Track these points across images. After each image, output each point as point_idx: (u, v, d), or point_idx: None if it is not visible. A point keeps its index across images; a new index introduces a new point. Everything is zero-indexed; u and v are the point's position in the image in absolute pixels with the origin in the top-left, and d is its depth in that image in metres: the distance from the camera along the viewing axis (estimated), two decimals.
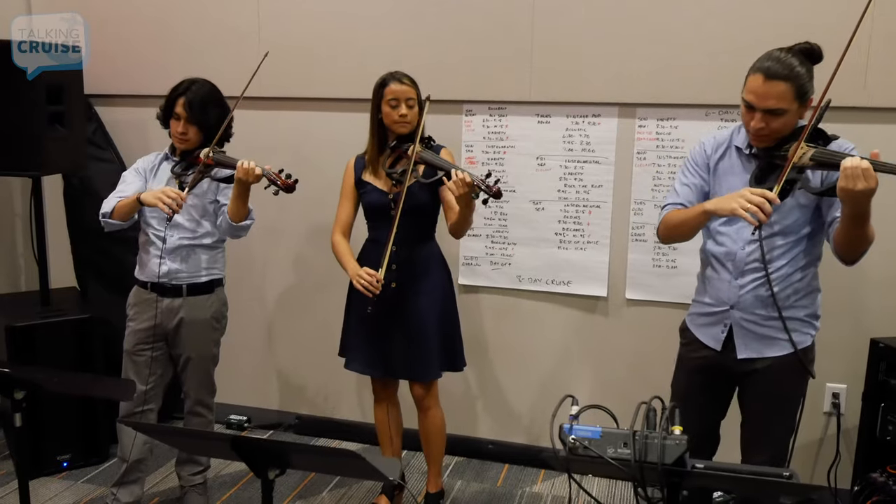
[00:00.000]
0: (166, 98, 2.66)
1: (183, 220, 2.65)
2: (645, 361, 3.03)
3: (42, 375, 1.99)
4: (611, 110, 2.98)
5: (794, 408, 2.18)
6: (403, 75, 2.58)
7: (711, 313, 2.21)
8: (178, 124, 2.63)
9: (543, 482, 3.17)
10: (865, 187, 1.77)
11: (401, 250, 2.61)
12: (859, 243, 1.97)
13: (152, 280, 2.66)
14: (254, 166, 2.45)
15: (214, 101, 2.66)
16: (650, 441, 1.54)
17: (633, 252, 3.04)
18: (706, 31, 2.82)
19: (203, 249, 2.70)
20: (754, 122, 2.00)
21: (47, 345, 3.06)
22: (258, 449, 1.50)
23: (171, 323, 2.68)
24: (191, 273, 2.68)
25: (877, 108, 2.70)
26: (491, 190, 2.28)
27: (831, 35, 2.07)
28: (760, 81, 1.96)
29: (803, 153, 1.94)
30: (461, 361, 2.78)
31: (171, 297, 2.67)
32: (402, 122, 2.54)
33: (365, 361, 2.71)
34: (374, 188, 2.63)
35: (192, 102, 2.60)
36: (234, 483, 3.10)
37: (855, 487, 2.69)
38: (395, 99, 2.53)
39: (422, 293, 2.64)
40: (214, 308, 2.75)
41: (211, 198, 2.69)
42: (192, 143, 2.65)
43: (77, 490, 3.04)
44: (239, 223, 2.61)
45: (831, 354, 2.72)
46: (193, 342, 2.72)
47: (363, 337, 2.69)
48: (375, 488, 3.02)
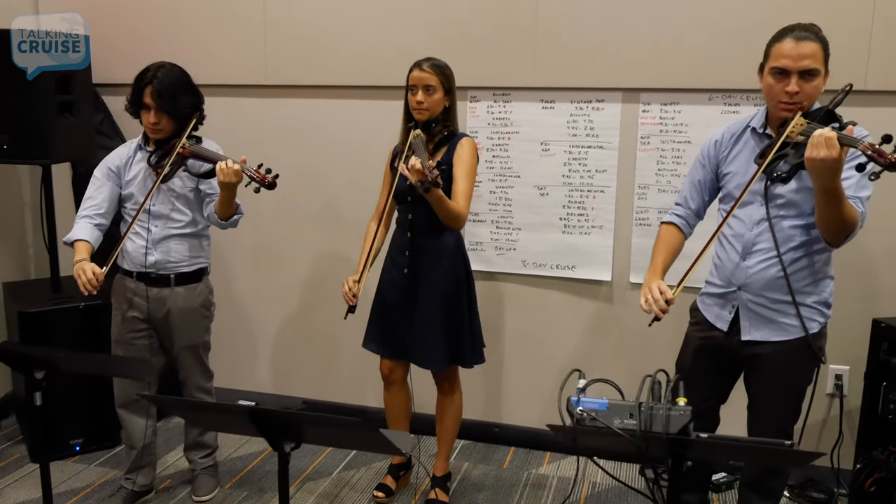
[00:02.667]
0: (132, 88, 2.54)
1: (164, 209, 2.61)
2: (649, 346, 3.05)
3: (60, 355, 2.02)
4: (614, 95, 3.00)
5: (800, 395, 2.21)
6: (427, 61, 2.57)
7: (720, 294, 2.24)
8: (149, 115, 2.52)
9: (549, 464, 3.21)
10: (826, 155, 1.79)
11: (415, 237, 2.65)
12: (836, 223, 1.97)
13: (138, 270, 2.62)
14: (233, 165, 2.38)
15: (184, 87, 2.56)
16: (655, 412, 1.58)
17: (637, 236, 3.06)
18: (709, 16, 2.84)
19: (189, 238, 2.66)
20: (791, 87, 2.01)
21: (58, 330, 3.10)
22: (275, 420, 1.54)
23: (160, 313, 2.65)
24: (178, 262, 2.64)
25: (878, 91, 2.72)
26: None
27: (833, 18, 2.10)
28: (793, 44, 2.00)
29: (798, 128, 1.97)
30: (471, 359, 2.74)
31: (159, 287, 2.64)
32: (419, 108, 2.56)
33: (380, 341, 2.78)
34: (401, 175, 2.65)
35: (160, 92, 2.48)
36: (244, 465, 3.15)
37: (857, 465, 2.73)
38: (413, 86, 2.56)
39: (430, 284, 2.65)
40: (203, 296, 2.73)
41: (191, 185, 2.63)
42: (165, 132, 2.56)
43: (91, 473, 3.09)
44: (227, 220, 2.58)
45: (833, 336, 2.72)
46: (185, 332, 2.69)
47: (378, 318, 2.76)
48: (382, 470, 3.06)
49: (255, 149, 3.41)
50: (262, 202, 2.83)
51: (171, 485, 3.01)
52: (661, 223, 2.37)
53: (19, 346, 2.81)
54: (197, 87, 2.63)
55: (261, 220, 3.45)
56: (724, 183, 2.25)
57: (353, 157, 3.32)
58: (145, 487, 2.85)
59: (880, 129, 1.93)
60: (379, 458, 3.21)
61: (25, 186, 3.78)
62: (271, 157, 2.61)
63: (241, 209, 2.64)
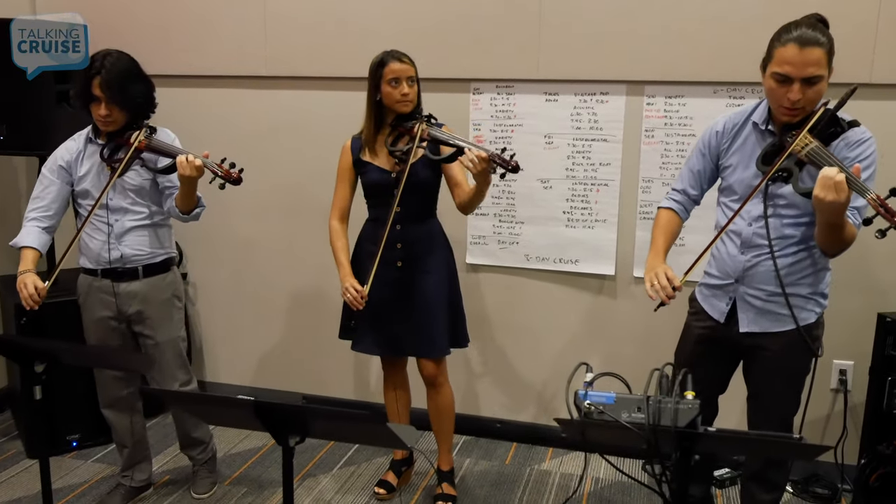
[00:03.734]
0: (81, 79, 2.42)
1: (125, 203, 2.52)
2: (653, 340, 3.03)
3: (60, 348, 1.99)
4: (619, 88, 2.98)
5: (799, 385, 2.20)
6: (402, 54, 2.56)
7: (718, 286, 2.23)
8: (99, 107, 2.40)
9: (552, 460, 3.19)
10: (835, 199, 1.79)
11: (405, 228, 2.62)
12: (835, 244, 2.01)
13: (103, 266, 2.55)
14: (194, 160, 2.28)
15: (134, 76, 2.44)
16: (663, 405, 1.56)
17: (641, 230, 3.04)
18: (714, 8, 2.81)
19: (149, 229, 2.58)
20: (792, 94, 1.95)
21: (55, 324, 3.06)
22: (281, 414, 1.51)
23: (132, 308, 2.58)
24: (145, 254, 2.57)
25: (884, 85, 2.70)
26: (508, 164, 2.29)
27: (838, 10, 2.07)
28: (796, 51, 1.93)
29: (805, 145, 1.95)
30: (465, 338, 2.79)
31: (127, 281, 2.56)
32: (405, 100, 2.53)
33: (372, 341, 2.72)
34: (374, 167, 2.62)
35: (109, 82, 2.36)
36: (244, 462, 3.12)
37: (862, 460, 2.71)
38: (395, 78, 2.52)
39: (427, 271, 2.65)
40: (174, 287, 2.66)
41: (147, 177, 2.53)
42: (118, 123, 2.45)
43: (88, 469, 3.06)
44: (188, 213, 2.51)
45: (838, 331, 2.72)
46: (159, 324, 2.62)
47: (369, 317, 2.69)
48: (384, 467, 3.04)
49: (254, 140, 3.40)
50: (257, 194, 2.80)
51: (170, 480, 2.98)
52: (659, 208, 2.35)
53: (19, 338, 2.77)
54: (147, 74, 2.51)
55: (257, 212, 3.42)
56: (725, 175, 2.23)
57: None
58: (143, 483, 2.83)
59: (886, 122, 1.91)
60: (379, 455, 3.18)
61: (21, 178, 3.74)
62: (270, 147, 2.58)
63: (203, 202, 2.55)
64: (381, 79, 2.54)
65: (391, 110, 2.57)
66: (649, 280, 2.09)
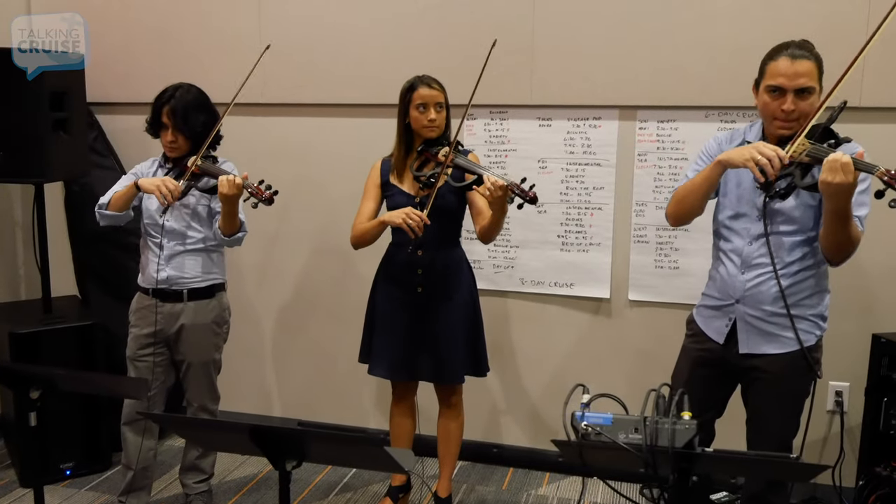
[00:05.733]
0: (152, 107, 2.66)
1: (178, 226, 2.66)
2: (649, 363, 3.04)
3: (57, 374, 1.98)
4: (611, 113, 3.01)
5: (799, 408, 2.19)
6: (432, 79, 2.60)
7: (717, 307, 2.23)
8: (167, 133, 2.62)
9: (549, 485, 3.16)
10: (843, 181, 1.82)
11: (427, 254, 2.62)
12: (842, 243, 2.00)
13: (152, 286, 2.67)
14: (234, 178, 2.43)
15: (200, 107, 2.65)
16: (660, 426, 1.56)
17: (635, 253, 3.06)
18: (705, 33, 2.86)
19: (200, 254, 2.70)
20: (786, 105, 2.02)
21: (50, 351, 3.06)
22: (277, 437, 1.51)
23: (173, 328, 2.68)
24: (191, 278, 2.68)
25: (872, 108, 2.74)
26: (527, 195, 2.30)
27: (828, 36, 2.12)
28: (788, 63, 2.01)
29: (802, 149, 1.98)
30: (485, 367, 2.78)
31: (172, 303, 2.67)
32: (431, 126, 2.57)
33: (388, 366, 2.71)
34: (399, 191, 2.64)
35: (175, 110, 2.59)
36: (238, 489, 3.09)
37: (860, 482, 2.70)
38: (423, 104, 2.56)
39: (449, 297, 2.65)
40: (216, 313, 2.75)
41: (204, 202, 2.69)
42: (182, 150, 2.65)
43: (81, 497, 3.03)
44: (231, 236, 2.61)
45: (834, 353, 2.72)
46: (195, 347, 2.71)
47: (386, 342, 2.69)
48: (379, 494, 3.01)
49: (252, 166, 3.39)
50: (257, 219, 2.82)
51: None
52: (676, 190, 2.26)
53: (15, 364, 2.77)
54: (214, 107, 2.71)
55: (256, 237, 3.42)
56: (722, 193, 2.23)
57: (350, 176, 3.28)
58: None
59: (875, 146, 1.95)
60: (376, 481, 3.16)
61: (17, 206, 3.75)
62: (268, 175, 2.60)
63: (245, 227, 2.66)
64: (410, 103, 2.58)
65: (419, 135, 2.60)
66: (751, 153, 1.95)
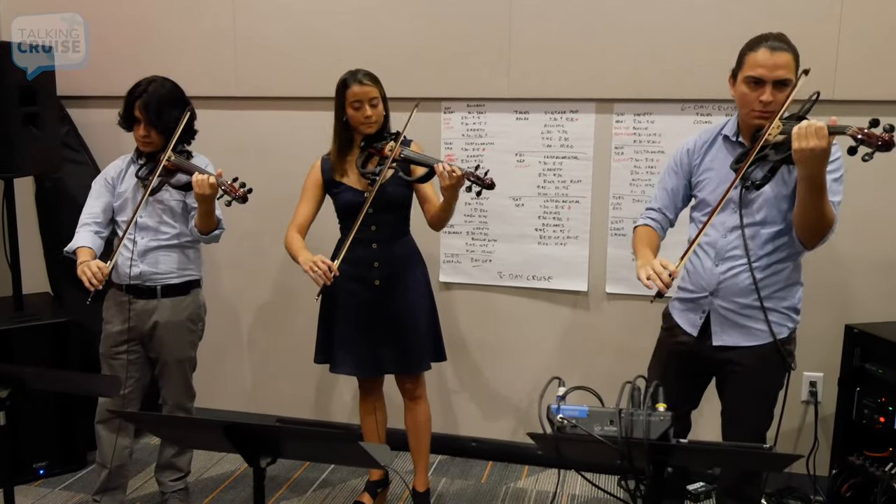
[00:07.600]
0: (125, 101, 2.60)
1: (151, 222, 2.63)
2: (626, 355, 3.05)
3: (26, 372, 1.95)
4: (588, 106, 3.01)
5: (772, 400, 2.21)
6: (364, 75, 2.56)
7: (691, 299, 2.25)
8: (139, 128, 2.58)
9: (528, 478, 3.17)
10: (816, 145, 1.81)
11: (381, 247, 2.61)
12: (816, 218, 1.97)
13: (125, 282, 2.63)
14: (207, 178, 2.39)
15: (173, 101, 2.60)
16: (636, 418, 1.56)
17: (612, 246, 3.07)
18: (681, 27, 2.87)
19: (175, 250, 2.66)
20: (765, 96, 2.03)
21: (23, 349, 3.01)
22: (252, 434, 1.49)
23: (146, 325, 2.64)
24: (165, 274, 2.65)
25: (845, 101, 2.76)
26: (483, 181, 2.30)
27: (803, 29, 2.14)
28: (768, 54, 2.02)
29: (776, 131, 2.00)
30: (442, 353, 2.79)
31: (145, 299, 2.64)
32: (368, 122, 2.55)
33: (353, 363, 2.69)
34: (347, 188, 2.62)
35: (148, 105, 2.54)
36: (215, 486, 3.06)
37: (833, 471, 2.74)
38: (358, 101, 2.53)
39: (406, 288, 2.65)
40: (190, 310, 2.71)
41: (179, 198, 2.64)
42: (155, 145, 2.60)
43: (55, 497, 2.98)
44: (208, 234, 2.59)
45: (808, 344, 2.75)
46: (169, 345, 2.67)
47: (349, 339, 2.67)
48: (358, 488, 3.00)
49: (225, 159, 3.36)
50: (234, 215, 2.80)
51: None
52: (636, 227, 2.36)
53: None
54: (188, 101, 2.65)
55: (233, 233, 3.39)
56: (698, 191, 2.26)
57: None
58: None
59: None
60: (354, 476, 3.15)
61: None
62: (241, 168, 2.58)
63: (223, 224, 2.64)
64: (346, 101, 2.55)
65: (358, 131, 2.58)
66: (645, 272, 2.03)
